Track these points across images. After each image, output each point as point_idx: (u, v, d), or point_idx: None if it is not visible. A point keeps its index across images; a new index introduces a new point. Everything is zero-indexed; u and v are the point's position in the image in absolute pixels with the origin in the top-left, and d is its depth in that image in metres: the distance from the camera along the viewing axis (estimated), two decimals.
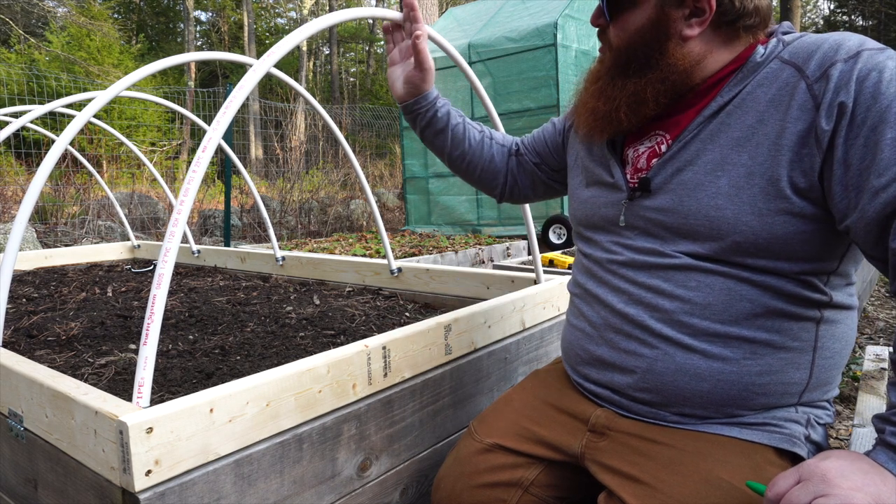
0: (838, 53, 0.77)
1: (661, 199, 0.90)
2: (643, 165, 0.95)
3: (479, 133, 1.27)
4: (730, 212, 0.82)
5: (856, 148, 0.74)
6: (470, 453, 1.03)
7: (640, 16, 0.89)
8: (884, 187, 0.72)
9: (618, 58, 0.93)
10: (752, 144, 0.82)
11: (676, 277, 0.87)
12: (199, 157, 0.89)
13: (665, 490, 0.82)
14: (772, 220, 0.80)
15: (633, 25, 0.90)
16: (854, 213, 0.75)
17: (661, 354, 0.88)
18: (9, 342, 1.50)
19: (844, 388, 2.36)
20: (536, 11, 6.43)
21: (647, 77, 0.89)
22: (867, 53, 0.76)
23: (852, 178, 0.75)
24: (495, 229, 6.72)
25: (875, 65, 0.74)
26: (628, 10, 0.90)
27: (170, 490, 0.78)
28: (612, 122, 0.94)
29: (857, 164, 0.74)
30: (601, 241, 1.00)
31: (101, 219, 6.26)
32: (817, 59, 0.79)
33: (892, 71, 0.73)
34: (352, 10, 1.12)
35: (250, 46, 20.55)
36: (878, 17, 21.71)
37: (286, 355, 1.35)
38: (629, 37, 0.90)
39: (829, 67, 0.77)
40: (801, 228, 0.80)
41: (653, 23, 0.88)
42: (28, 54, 14.34)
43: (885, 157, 0.71)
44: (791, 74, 0.81)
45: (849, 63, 0.76)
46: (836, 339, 0.88)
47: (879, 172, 0.72)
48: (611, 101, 0.93)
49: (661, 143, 0.93)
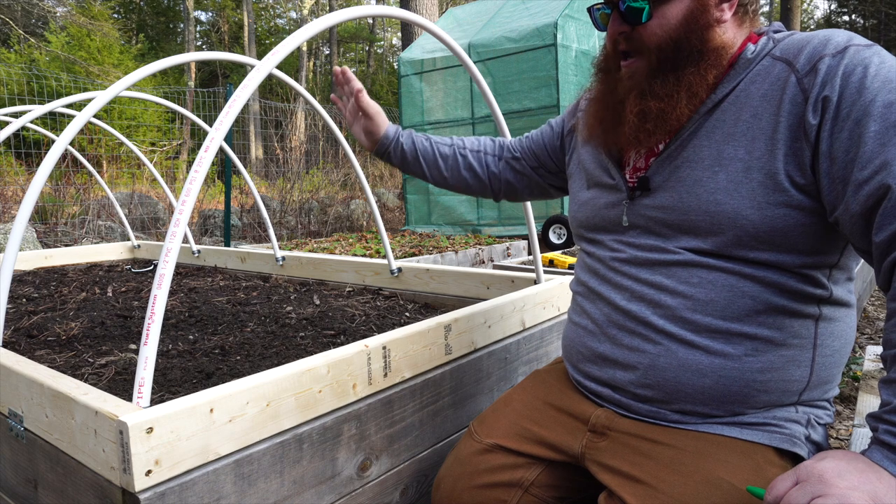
0: (826, 48, 0.79)
1: (660, 197, 0.90)
2: (641, 165, 0.95)
3: (450, 148, 1.31)
4: (729, 206, 0.83)
5: (840, 141, 0.75)
6: (470, 453, 1.03)
7: (680, 6, 0.86)
8: (866, 180, 0.72)
9: (663, 53, 0.88)
10: (749, 139, 0.83)
11: (679, 274, 0.88)
12: (202, 157, 0.89)
13: (666, 490, 0.82)
14: (771, 214, 0.81)
15: (676, 17, 0.86)
16: (840, 206, 0.76)
17: (664, 350, 0.88)
18: (9, 342, 1.50)
19: (844, 388, 2.36)
20: (536, 11, 6.43)
21: (700, 66, 0.87)
22: (854, 49, 0.77)
23: (838, 171, 0.76)
24: (495, 229, 6.72)
25: (861, 60, 0.76)
26: (665, 4, 0.87)
27: (170, 490, 0.78)
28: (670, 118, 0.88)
29: (841, 157, 0.75)
30: (604, 241, 1.00)
31: (101, 219, 6.26)
32: (807, 54, 0.80)
33: (877, 66, 0.75)
34: (354, 9, 1.12)
35: (250, 46, 20.55)
36: (878, 16, 21.71)
37: (286, 355, 1.35)
38: (674, 28, 0.87)
39: (817, 61, 0.78)
40: (801, 221, 0.81)
41: (693, 10, 0.86)
42: (28, 54, 14.33)
43: (867, 149, 0.72)
44: (782, 69, 0.82)
45: (836, 58, 0.77)
46: (835, 336, 0.88)
47: (862, 165, 0.73)
48: (666, 99, 0.88)
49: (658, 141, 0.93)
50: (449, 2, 20.97)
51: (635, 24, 0.89)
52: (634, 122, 0.91)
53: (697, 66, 0.87)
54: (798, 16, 13.67)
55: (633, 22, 0.89)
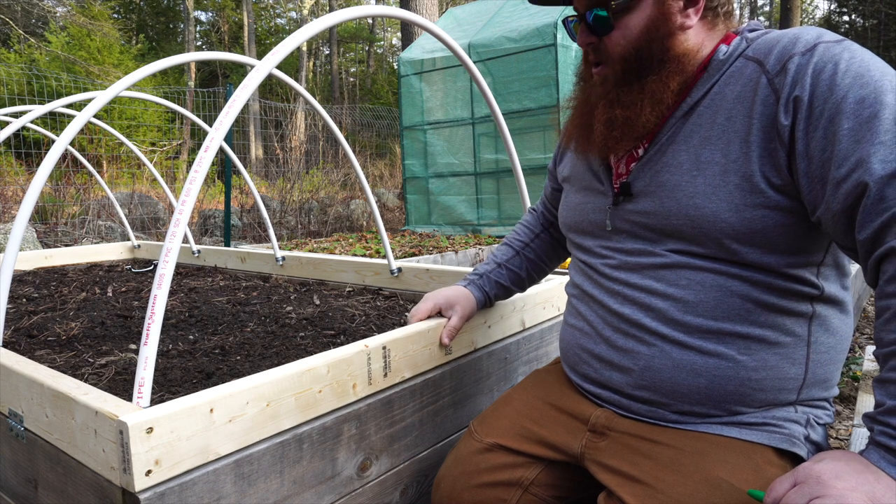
0: (796, 46, 0.78)
1: (642, 202, 0.91)
2: (623, 171, 0.96)
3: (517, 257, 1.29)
4: (708, 210, 0.83)
5: (816, 140, 0.75)
6: (470, 453, 1.03)
7: (641, 16, 0.88)
8: (844, 178, 0.72)
9: (626, 63, 0.90)
10: (724, 142, 0.83)
11: (668, 276, 0.88)
12: (202, 157, 0.89)
13: (665, 490, 0.82)
14: (749, 216, 0.81)
15: (637, 27, 0.88)
16: (822, 206, 0.76)
17: (658, 352, 0.88)
18: (9, 342, 1.50)
19: (844, 388, 2.36)
20: (536, 11, 6.42)
21: (662, 74, 0.88)
22: (823, 46, 0.77)
23: (816, 170, 0.76)
24: (495, 229, 6.72)
25: (831, 57, 0.75)
26: (627, 15, 0.89)
27: (170, 490, 0.78)
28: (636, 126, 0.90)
29: (818, 156, 0.75)
30: (591, 247, 1.01)
31: (102, 219, 6.26)
32: (776, 54, 0.80)
33: (847, 62, 0.74)
34: (354, 9, 1.12)
35: (250, 46, 20.55)
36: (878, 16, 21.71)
37: (286, 355, 1.35)
38: (636, 39, 0.89)
39: (787, 61, 0.78)
40: (780, 222, 0.81)
41: (654, 20, 0.88)
42: (28, 54, 14.33)
43: (842, 147, 0.72)
44: (754, 70, 0.82)
45: (805, 56, 0.77)
46: (829, 333, 0.88)
47: (839, 163, 0.73)
48: (631, 107, 0.90)
49: (637, 147, 0.94)
50: (449, 2, 20.97)
51: (601, 34, 0.91)
52: (602, 130, 0.94)
53: (659, 74, 0.89)
54: (798, 16, 13.67)
55: (599, 33, 0.91)
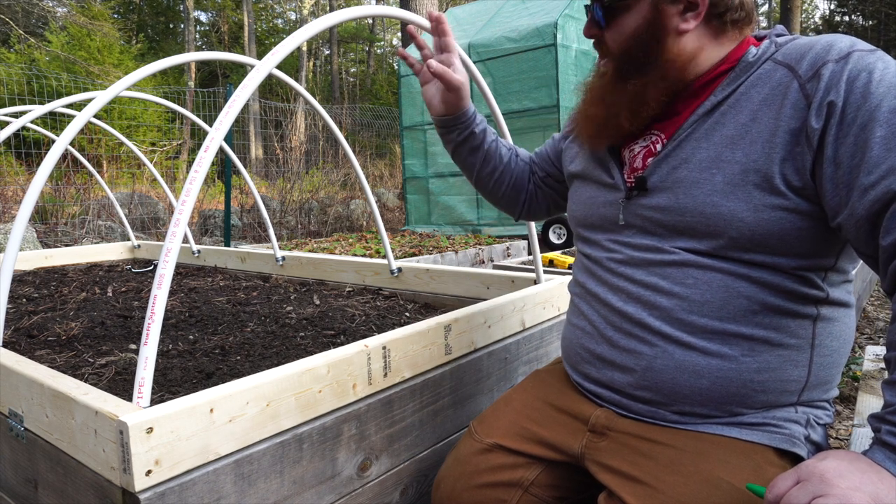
0: (830, 54, 0.79)
1: (657, 197, 0.91)
2: (639, 165, 0.96)
3: (508, 151, 1.28)
4: (725, 208, 0.83)
5: (846, 146, 0.75)
6: (470, 453, 1.03)
7: (635, 17, 0.90)
8: (873, 185, 0.72)
9: (619, 62, 0.94)
10: (747, 142, 0.83)
11: (674, 274, 0.88)
12: (201, 157, 0.89)
13: (665, 490, 0.82)
14: (767, 216, 0.81)
15: (630, 28, 0.91)
16: (845, 211, 0.76)
17: (660, 352, 0.88)
18: (9, 342, 1.50)
19: (844, 388, 2.36)
20: (536, 11, 6.43)
21: (648, 76, 0.90)
22: (857, 54, 0.77)
23: (843, 175, 0.76)
24: (495, 229, 6.72)
25: (865, 66, 0.76)
26: (622, 15, 0.91)
27: (170, 490, 0.78)
28: (613, 127, 0.95)
29: (847, 161, 0.75)
30: (600, 241, 1.00)
31: (102, 219, 6.26)
32: (809, 60, 0.80)
33: (881, 71, 0.75)
34: (354, 9, 1.12)
35: (250, 47, 20.55)
36: (878, 16, 21.70)
37: (286, 355, 1.35)
38: (627, 39, 0.92)
39: (820, 67, 0.79)
40: (796, 224, 0.81)
41: (649, 22, 0.89)
42: (28, 54, 14.33)
43: (874, 154, 0.73)
44: (784, 75, 0.82)
45: (839, 63, 0.77)
46: (833, 336, 0.88)
47: (869, 170, 0.73)
48: (611, 107, 0.94)
49: (656, 142, 0.94)
50: (449, 2, 20.98)
51: (601, 28, 0.95)
52: (592, 127, 0.98)
53: (642, 78, 0.91)
54: (798, 16, 13.67)
55: (599, 26, 0.95)
